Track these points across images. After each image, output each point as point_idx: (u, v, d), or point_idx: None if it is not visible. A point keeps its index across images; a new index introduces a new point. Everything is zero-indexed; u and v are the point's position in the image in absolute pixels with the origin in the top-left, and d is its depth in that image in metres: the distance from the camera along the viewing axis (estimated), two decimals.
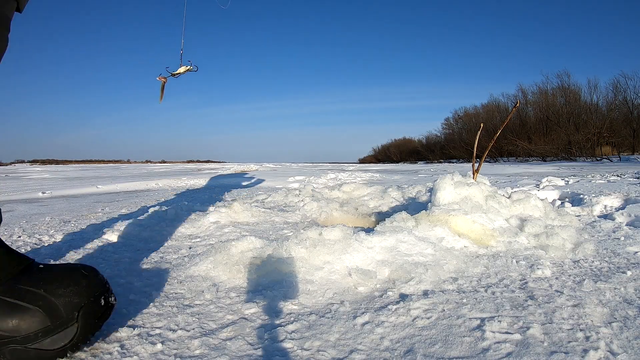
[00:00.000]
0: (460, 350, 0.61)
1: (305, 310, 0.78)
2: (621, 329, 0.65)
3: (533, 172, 5.44)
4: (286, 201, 2.07)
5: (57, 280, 0.50)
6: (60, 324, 0.54)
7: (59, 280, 0.50)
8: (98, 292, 0.53)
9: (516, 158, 17.58)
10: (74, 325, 0.55)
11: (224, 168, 8.68)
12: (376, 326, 0.69)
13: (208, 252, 1.09)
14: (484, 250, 1.09)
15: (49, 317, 0.53)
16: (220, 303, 0.82)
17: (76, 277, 0.58)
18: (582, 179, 3.21)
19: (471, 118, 24.12)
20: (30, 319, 0.50)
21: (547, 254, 1.07)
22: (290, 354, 0.62)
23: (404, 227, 1.13)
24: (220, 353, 0.62)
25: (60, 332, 0.49)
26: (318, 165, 11.67)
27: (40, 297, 0.54)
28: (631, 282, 0.86)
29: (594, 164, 9.67)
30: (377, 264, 0.95)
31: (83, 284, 0.57)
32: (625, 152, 14.13)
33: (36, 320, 0.49)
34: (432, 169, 8.50)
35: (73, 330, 0.49)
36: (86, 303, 0.49)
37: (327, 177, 4.78)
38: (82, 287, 0.51)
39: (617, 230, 1.31)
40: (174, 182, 4.39)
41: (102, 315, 0.54)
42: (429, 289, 0.84)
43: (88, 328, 0.51)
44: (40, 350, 0.50)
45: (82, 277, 0.52)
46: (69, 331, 0.55)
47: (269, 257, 0.98)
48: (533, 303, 0.75)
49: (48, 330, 0.49)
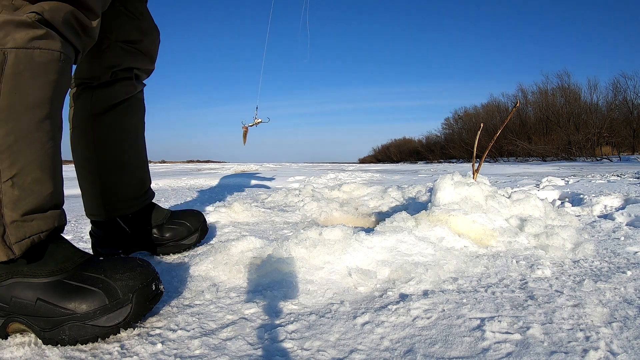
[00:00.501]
0: (460, 350, 0.61)
1: (305, 310, 0.78)
2: (621, 329, 0.65)
3: (533, 172, 5.44)
4: (286, 201, 2.07)
5: (115, 267, 0.59)
6: (117, 303, 0.64)
7: (117, 268, 0.60)
8: (150, 278, 0.61)
9: (516, 158, 17.58)
10: (128, 305, 0.65)
11: (224, 168, 8.69)
12: (376, 326, 0.69)
13: (208, 252, 1.09)
14: (484, 250, 1.09)
15: (107, 297, 0.64)
16: (220, 303, 0.82)
17: (132, 265, 0.69)
18: (582, 179, 3.21)
19: (471, 118, 24.12)
20: (91, 299, 0.59)
21: (547, 254, 1.07)
22: (290, 354, 0.62)
23: (404, 227, 1.13)
24: (220, 353, 0.62)
25: (116, 311, 0.58)
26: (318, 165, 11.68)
27: (100, 280, 0.65)
28: (631, 282, 0.86)
29: (594, 164, 9.67)
30: (377, 264, 0.95)
31: (138, 271, 0.68)
32: (625, 152, 14.12)
33: (96, 300, 0.58)
34: (432, 169, 8.51)
35: (127, 310, 0.58)
36: (140, 287, 0.58)
37: (327, 177, 4.78)
38: (136, 273, 0.60)
39: (617, 230, 1.31)
40: (173, 182, 4.39)
41: (153, 299, 0.62)
42: (429, 289, 0.84)
43: (140, 309, 0.59)
44: (96, 326, 0.59)
45: (137, 265, 0.63)
46: (124, 310, 0.65)
47: (269, 257, 0.98)
48: (533, 303, 0.75)
49: (106, 309, 0.58)
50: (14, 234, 0.62)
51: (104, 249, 1.14)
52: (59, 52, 0.66)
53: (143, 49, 1.06)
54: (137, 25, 1.02)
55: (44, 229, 0.65)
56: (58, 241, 0.69)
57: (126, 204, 1.10)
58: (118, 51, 1.00)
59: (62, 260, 0.65)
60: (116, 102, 1.04)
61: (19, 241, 0.62)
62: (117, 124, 1.06)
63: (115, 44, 0.99)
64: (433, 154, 27.57)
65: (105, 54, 0.98)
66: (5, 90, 0.60)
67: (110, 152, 1.05)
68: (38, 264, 0.63)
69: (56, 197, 0.68)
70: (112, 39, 0.99)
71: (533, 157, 16.41)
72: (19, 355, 0.61)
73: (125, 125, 1.08)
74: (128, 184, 1.09)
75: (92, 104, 1.02)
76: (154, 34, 1.08)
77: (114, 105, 1.04)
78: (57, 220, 0.68)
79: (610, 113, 15.22)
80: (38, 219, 0.64)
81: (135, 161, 1.11)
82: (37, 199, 0.64)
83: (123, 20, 0.99)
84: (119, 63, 1.02)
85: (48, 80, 0.65)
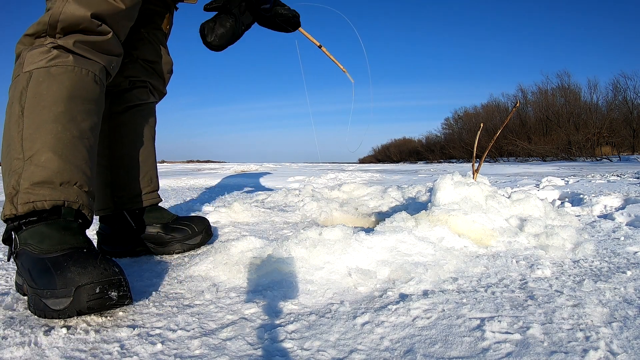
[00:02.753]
0: (460, 350, 0.61)
1: (305, 310, 0.78)
2: (621, 329, 0.65)
3: (533, 172, 5.44)
4: (286, 201, 2.07)
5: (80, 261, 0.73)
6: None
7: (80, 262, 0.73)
8: (98, 280, 0.71)
9: (516, 158, 17.57)
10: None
11: (224, 168, 8.68)
12: (376, 326, 0.69)
13: (208, 252, 1.09)
14: (484, 250, 1.09)
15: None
16: (220, 303, 0.82)
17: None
18: (582, 179, 3.21)
19: (471, 118, 24.13)
20: (46, 281, 0.72)
21: (547, 253, 1.07)
22: (290, 354, 0.62)
23: (404, 227, 1.13)
24: (220, 353, 0.62)
25: (59, 298, 0.70)
26: (318, 165, 11.67)
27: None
28: (631, 282, 0.86)
29: (593, 164, 9.67)
30: (377, 264, 0.95)
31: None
32: (625, 152, 14.12)
33: (50, 284, 0.71)
34: (432, 169, 8.51)
35: (67, 301, 0.71)
36: (82, 285, 0.70)
37: (327, 177, 4.78)
38: (87, 272, 0.71)
39: (617, 230, 1.31)
40: (173, 182, 4.39)
41: (97, 301, 0.71)
42: (428, 289, 0.84)
43: (79, 305, 0.69)
44: (47, 306, 0.71)
45: (97, 266, 0.74)
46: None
47: (268, 257, 0.98)
48: (533, 303, 0.75)
49: (53, 294, 0.71)
50: (22, 198, 0.79)
51: (108, 247, 1.18)
52: (73, 65, 0.86)
53: (158, 69, 1.25)
54: (155, 50, 1.23)
55: (47, 198, 0.79)
56: (70, 223, 0.81)
57: (134, 199, 1.20)
58: (138, 66, 1.19)
59: (56, 242, 0.76)
60: (132, 105, 1.20)
61: (23, 203, 0.78)
62: (132, 124, 1.20)
63: (136, 60, 1.19)
64: (433, 154, 27.57)
65: (127, 66, 1.16)
66: (30, 96, 0.83)
67: (124, 148, 1.19)
68: (37, 242, 0.76)
69: (67, 175, 0.82)
70: (135, 56, 1.18)
71: (533, 157, 16.41)
72: (19, 355, 0.61)
73: (139, 125, 1.22)
74: (138, 180, 1.21)
75: (111, 103, 1.16)
76: (167, 60, 1.28)
77: (130, 107, 1.20)
78: (65, 195, 0.81)
79: (610, 113, 15.23)
80: (45, 188, 0.79)
81: (146, 159, 1.24)
82: (47, 173, 0.80)
83: (145, 43, 1.20)
84: (137, 75, 1.20)
85: (62, 85, 0.84)
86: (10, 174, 0.81)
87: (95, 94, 0.91)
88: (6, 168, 0.83)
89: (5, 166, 0.83)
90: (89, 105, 0.88)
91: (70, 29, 0.87)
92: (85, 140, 0.86)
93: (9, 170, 0.82)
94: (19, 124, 0.81)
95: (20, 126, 0.81)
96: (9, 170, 0.82)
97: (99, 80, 0.91)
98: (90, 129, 0.88)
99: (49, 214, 0.80)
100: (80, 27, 0.88)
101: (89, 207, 0.86)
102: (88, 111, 0.88)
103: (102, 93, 0.94)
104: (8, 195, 0.80)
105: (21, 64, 0.86)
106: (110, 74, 0.97)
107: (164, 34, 1.26)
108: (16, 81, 0.85)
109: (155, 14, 1.21)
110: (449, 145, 24.46)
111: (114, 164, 1.18)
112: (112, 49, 0.95)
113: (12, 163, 0.81)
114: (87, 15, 0.87)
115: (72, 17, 0.86)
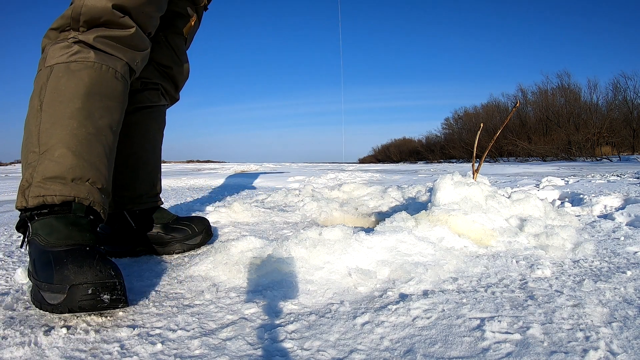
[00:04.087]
0: (460, 350, 0.61)
1: (305, 310, 0.78)
2: (621, 329, 0.65)
3: (533, 172, 5.44)
4: (286, 201, 2.07)
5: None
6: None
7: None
8: (90, 281, 0.71)
9: (516, 158, 17.56)
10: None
11: (224, 168, 8.68)
12: (376, 326, 0.69)
13: (208, 252, 1.09)
14: (484, 250, 1.09)
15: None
16: (220, 303, 0.82)
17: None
18: (582, 179, 3.21)
19: (471, 118, 24.11)
20: (45, 275, 0.73)
21: (547, 253, 1.07)
22: (290, 354, 0.62)
23: (404, 227, 1.13)
24: (220, 353, 0.62)
25: (54, 293, 0.71)
26: (318, 165, 11.67)
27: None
28: (631, 282, 0.86)
29: (593, 164, 9.67)
30: (377, 264, 0.95)
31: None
32: (625, 152, 14.11)
33: (48, 278, 0.72)
34: (432, 169, 8.50)
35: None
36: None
37: (327, 177, 4.78)
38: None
39: (617, 230, 1.31)
40: (173, 182, 4.39)
41: (88, 302, 0.71)
42: (428, 289, 0.84)
43: (71, 304, 0.70)
44: (44, 299, 0.72)
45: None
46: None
47: (268, 257, 0.98)
48: (533, 303, 0.75)
49: (50, 287, 0.72)
50: (33, 191, 0.80)
51: (108, 247, 1.18)
52: (93, 61, 0.86)
53: (171, 74, 1.25)
54: (171, 55, 1.22)
55: (58, 193, 0.80)
56: (79, 219, 0.82)
57: (136, 200, 1.20)
58: (151, 69, 1.19)
59: (63, 237, 0.77)
60: (143, 106, 1.19)
61: (34, 196, 0.80)
62: (141, 125, 1.20)
63: (151, 62, 1.17)
64: (433, 154, 27.55)
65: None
66: (48, 90, 0.84)
67: (131, 149, 1.18)
68: (46, 234, 0.77)
69: (79, 172, 0.82)
70: (149, 58, 1.15)
71: (533, 157, 16.40)
72: (19, 355, 0.61)
73: (148, 127, 1.22)
74: (141, 181, 1.21)
75: None
76: (184, 67, 1.28)
77: (140, 108, 1.19)
78: (75, 191, 0.82)
79: (610, 113, 15.21)
80: (56, 184, 0.81)
81: (152, 162, 1.24)
82: (59, 169, 0.81)
83: (162, 47, 1.19)
84: (150, 77, 1.19)
85: (81, 81, 0.84)
86: (26, 166, 0.83)
87: (116, 91, 0.90)
88: (24, 159, 0.85)
89: (23, 157, 0.86)
90: (109, 102, 0.88)
91: (93, 22, 0.87)
92: (102, 137, 0.86)
93: (25, 162, 0.84)
94: (37, 118, 0.83)
95: (38, 120, 0.83)
96: (25, 162, 0.84)
97: (120, 76, 0.91)
98: (108, 125, 0.88)
99: (60, 208, 0.81)
100: (102, 20, 0.87)
101: (101, 204, 0.86)
102: (107, 108, 0.87)
103: (124, 90, 0.93)
104: (21, 187, 0.82)
105: (44, 58, 0.87)
106: (134, 70, 0.96)
107: (184, 38, 1.24)
108: (38, 75, 0.86)
109: (177, 17, 1.18)
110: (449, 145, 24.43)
111: (119, 163, 1.16)
112: (137, 44, 0.94)
113: (28, 155, 0.83)
114: (108, 6, 0.87)
115: (93, 9, 0.86)
